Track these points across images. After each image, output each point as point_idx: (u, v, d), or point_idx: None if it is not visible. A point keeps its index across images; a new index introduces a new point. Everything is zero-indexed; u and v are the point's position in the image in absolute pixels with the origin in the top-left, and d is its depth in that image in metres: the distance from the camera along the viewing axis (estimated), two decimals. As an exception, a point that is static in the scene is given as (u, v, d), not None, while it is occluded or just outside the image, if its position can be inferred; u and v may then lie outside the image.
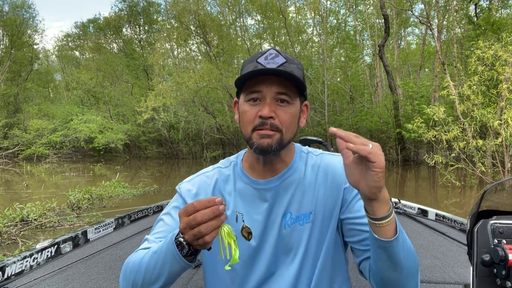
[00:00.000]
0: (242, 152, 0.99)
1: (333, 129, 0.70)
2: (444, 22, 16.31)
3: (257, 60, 0.85)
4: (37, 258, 1.72)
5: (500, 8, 15.68)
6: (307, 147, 0.99)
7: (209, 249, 0.71)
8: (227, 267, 0.71)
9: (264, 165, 0.90)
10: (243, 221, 0.75)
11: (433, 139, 9.18)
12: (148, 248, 0.84)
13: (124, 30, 27.63)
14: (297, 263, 0.88)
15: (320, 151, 0.98)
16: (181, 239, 0.70)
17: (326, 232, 0.89)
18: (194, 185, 0.95)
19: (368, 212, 0.74)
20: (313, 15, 20.36)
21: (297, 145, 0.98)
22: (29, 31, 26.46)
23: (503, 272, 0.73)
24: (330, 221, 0.89)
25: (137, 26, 27.42)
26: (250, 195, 0.91)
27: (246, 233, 0.77)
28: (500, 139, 8.20)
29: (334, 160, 0.94)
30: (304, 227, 0.88)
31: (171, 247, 0.71)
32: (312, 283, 0.89)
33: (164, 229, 0.89)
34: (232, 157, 1.00)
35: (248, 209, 0.90)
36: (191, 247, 0.70)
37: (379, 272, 0.78)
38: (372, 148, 0.67)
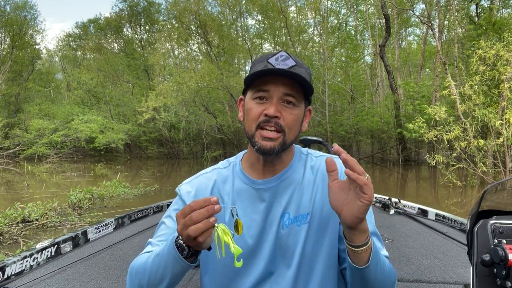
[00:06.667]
0: (241, 153, 1.00)
1: (338, 148, 0.70)
2: (445, 22, 16.30)
3: (267, 60, 0.86)
4: (37, 258, 1.72)
5: (501, 8, 15.66)
6: (307, 148, 0.99)
7: (209, 248, 0.72)
8: (237, 264, 0.72)
9: (264, 164, 0.91)
10: (237, 215, 0.76)
11: (434, 139, 9.16)
12: (152, 251, 0.86)
13: (124, 30, 27.63)
14: (295, 264, 0.88)
15: (320, 153, 0.99)
16: (181, 241, 0.72)
17: (323, 235, 0.88)
18: (193, 187, 0.96)
19: (346, 238, 0.76)
20: (313, 15, 20.36)
21: (297, 146, 0.98)
22: (30, 31, 26.51)
23: (503, 272, 0.73)
24: (327, 225, 0.89)
25: (137, 26, 27.41)
26: (248, 195, 0.91)
27: (238, 226, 0.76)
28: (501, 139, 8.17)
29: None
30: (301, 228, 0.88)
31: (171, 250, 0.74)
32: (311, 285, 0.88)
33: (166, 232, 0.91)
34: (231, 158, 1.01)
35: (246, 209, 0.90)
36: (191, 248, 0.72)
37: (352, 287, 0.83)
38: (368, 180, 0.68)
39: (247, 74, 0.90)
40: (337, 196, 0.73)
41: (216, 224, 0.70)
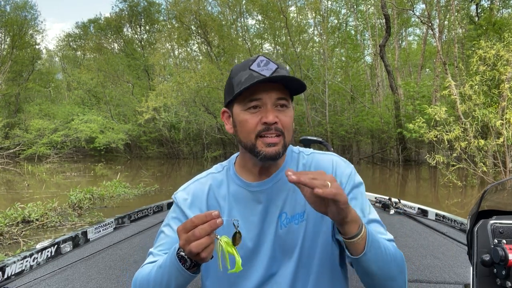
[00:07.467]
0: (234, 156, 1.00)
1: (290, 175, 0.67)
2: (445, 22, 16.29)
3: (249, 67, 0.84)
4: (37, 258, 1.72)
5: (501, 8, 15.65)
6: (298, 147, 1.00)
7: (212, 257, 0.72)
8: (232, 270, 0.72)
9: (261, 167, 0.91)
10: (238, 226, 0.75)
11: (434, 139, 9.15)
12: (154, 261, 0.87)
13: (125, 30, 27.62)
14: (294, 262, 0.89)
15: (311, 150, 0.99)
16: (183, 253, 0.73)
17: (319, 230, 0.89)
18: (189, 194, 0.96)
19: (340, 232, 0.76)
20: (314, 15, 20.35)
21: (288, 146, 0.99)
22: (30, 31, 26.52)
23: (503, 272, 0.73)
24: (322, 220, 0.89)
25: (137, 26, 27.40)
26: (244, 198, 0.92)
27: (237, 239, 0.75)
28: (501, 139, 8.17)
29: (325, 159, 0.95)
30: (299, 226, 0.89)
31: (174, 262, 0.74)
32: (309, 283, 0.89)
33: (166, 241, 0.91)
34: (224, 162, 1.01)
35: (243, 212, 0.91)
36: (193, 260, 0.73)
37: (358, 275, 0.83)
38: (334, 188, 0.66)
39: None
40: (317, 205, 0.71)
41: (218, 237, 0.70)
